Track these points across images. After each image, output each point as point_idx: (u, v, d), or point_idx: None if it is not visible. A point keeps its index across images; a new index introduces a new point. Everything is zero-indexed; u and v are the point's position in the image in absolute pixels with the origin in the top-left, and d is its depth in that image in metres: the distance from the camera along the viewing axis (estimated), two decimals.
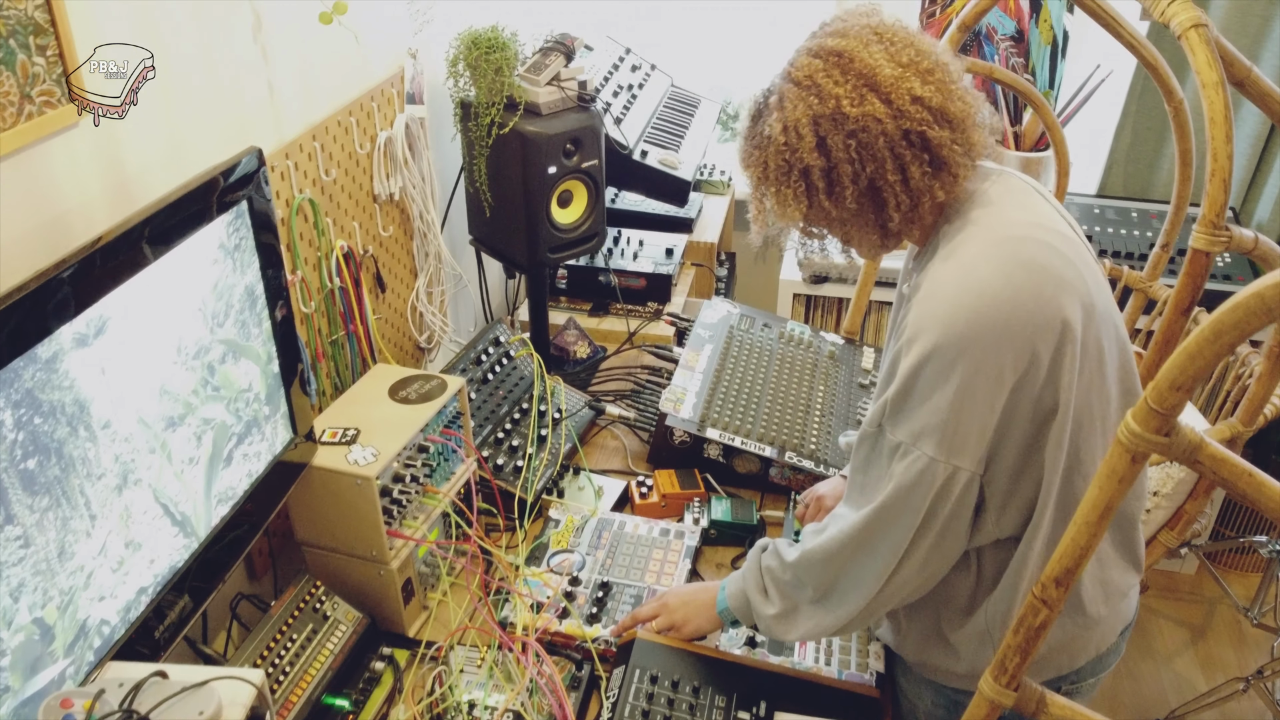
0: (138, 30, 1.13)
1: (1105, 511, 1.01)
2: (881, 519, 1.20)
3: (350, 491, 1.41)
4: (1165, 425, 0.93)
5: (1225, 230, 1.33)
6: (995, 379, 1.12)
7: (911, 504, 1.17)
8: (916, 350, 1.13)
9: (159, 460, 1.08)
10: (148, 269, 1.02)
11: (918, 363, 1.13)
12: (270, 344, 1.29)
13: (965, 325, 1.11)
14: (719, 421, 1.85)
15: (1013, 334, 1.11)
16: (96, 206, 1.11)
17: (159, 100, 1.19)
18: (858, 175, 1.14)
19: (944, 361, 1.11)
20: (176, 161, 1.24)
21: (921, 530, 1.18)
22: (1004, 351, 1.11)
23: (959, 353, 1.11)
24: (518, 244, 1.96)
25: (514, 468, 1.79)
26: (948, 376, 1.11)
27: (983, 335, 1.11)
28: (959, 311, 1.11)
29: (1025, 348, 1.11)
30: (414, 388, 1.57)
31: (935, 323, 1.12)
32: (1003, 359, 1.11)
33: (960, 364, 1.11)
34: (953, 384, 1.11)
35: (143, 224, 1.01)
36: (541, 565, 1.64)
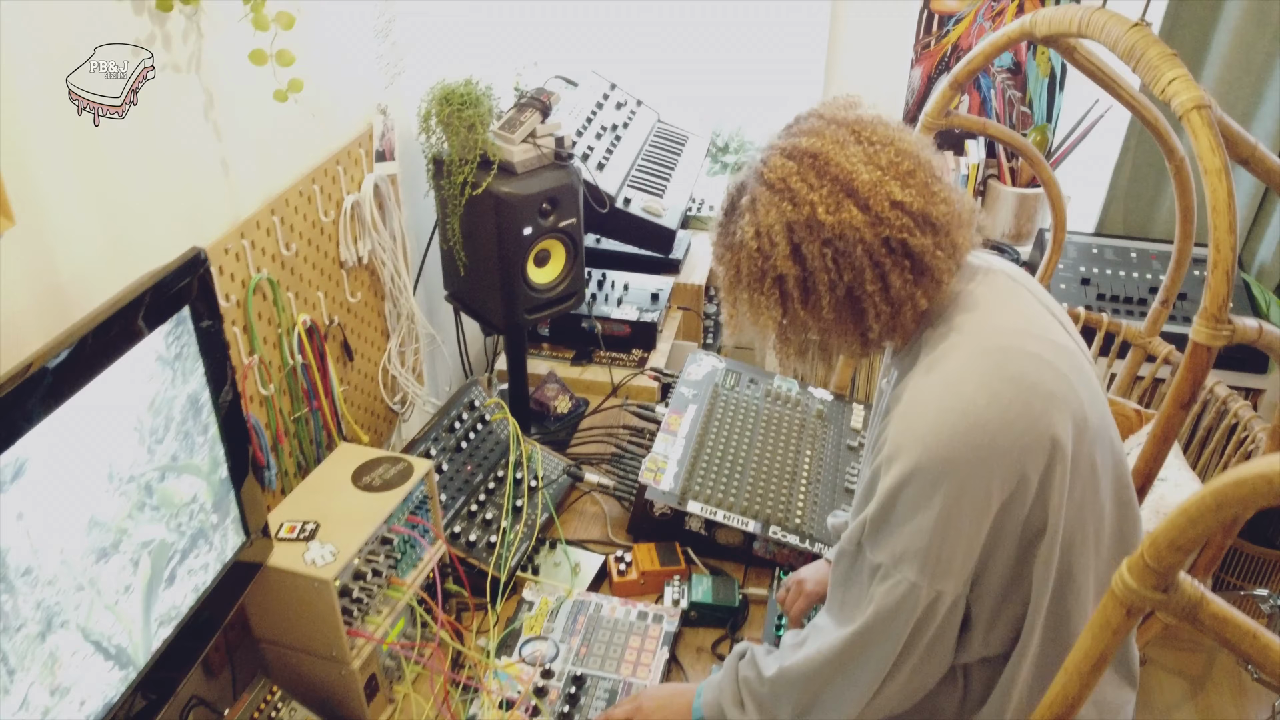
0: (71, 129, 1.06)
1: (1098, 662, 0.95)
2: (862, 643, 1.13)
3: (308, 593, 1.34)
4: (1163, 583, 0.87)
5: (1229, 324, 1.26)
6: (981, 502, 1.05)
7: (893, 629, 1.11)
8: (897, 470, 1.06)
9: (88, 597, 1.01)
10: (74, 398, 0.95)
11: (897, 483, 1.06)
12: (218, 448, 1.22)
13: (948, 446, 1.04)
14: (701, 494, 1.78)
15: (999, 455, 1.04)
16: (25, 322, 1.04)
17: (95, 196, 1.12)
18: (835, 284, 1.07)
19: (926, 483, 1.05)
20: (117, 259, 1.16)
21: (904, 653, 1.12)
22: (990, 474, 1.04)
23: (942, 475, 1.04)
24: (493, 304, 1.89)
25: (487, 543, 1.72)
26: (930, 499, 1.05)
27: (967, 457, 1.04)
28: (942, 431, 1.04)
29: (1013, 469, 1.04)
30: (378, 472, 1.50)
31: (916, 442, 1.05)
32: (989, 481, 1.05)
33: (943, 486, 1.04)
34: (935, 507, 1.04)
35: (66, 351, 0.94)
36: (513, 655, 1.57)
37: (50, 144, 1.04)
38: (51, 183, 1.05)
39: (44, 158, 1.03)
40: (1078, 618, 1.14)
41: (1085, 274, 2.60)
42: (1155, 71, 1.29)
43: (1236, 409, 1.97)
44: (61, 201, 1.06)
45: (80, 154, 1.08)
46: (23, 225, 1.01)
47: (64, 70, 1.03)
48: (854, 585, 1.15)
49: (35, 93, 1.01)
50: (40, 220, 1.04)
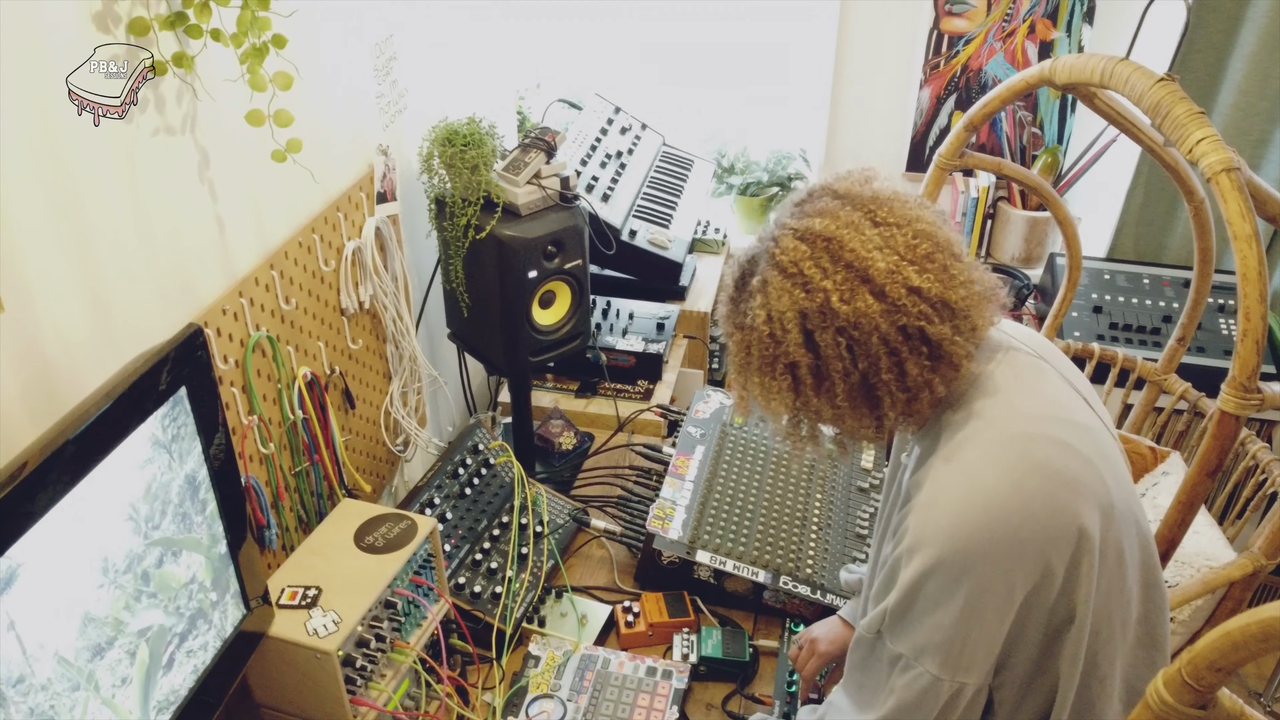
0: (58, 200, 1.02)
1: None
2: None
3: (310, 664, 1.30)
4: (1201, 700, 0.83)
5: (1257, 394, 1.22)
6: (1004, 595, 1.02)
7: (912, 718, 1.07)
8: (918, 563, 1.02)
9: (83, 695, 0.98)
10: (66, 497, 0.92)
11: (919, 577, 1.02)
12: (217, 524, 1.18)
13: (971, 539, 1.00)
14: (710, 543, 1.75)
15: (1024, 548, 1.00)
16: (14, 409, 1.00)
17: (83, 271, 1.08)
18: (849, 372, 1.03)
19: (949, 578, 1.01)
20: (109, 333, 1.12)
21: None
22: (1014, 567, 1.01)
23: (965, 569, 1.00)
24: (497, 346, 1.85)
25: (492, 594, 1.68)
26: (953, 593, 1.01)
27: (991, 551, 1.00)
28: (964, 524, 1.01)
29: (1038, 562, 1.01)
30: (381, 532, 1.47)
31: (938, 535, 1.02)
32: (1013, 575, 1.01)
33: (966, 581, 1.00)
34: (958, 601, 1.01)
35: (59, 450, 0.90)
36: (519, 715, 1.54)
37: (36, 219, 1.00)
38: (38, 262, 1.01)
39: (30, 235, 0.99)
40: (1103, 705, 1.11)
41: (1097, 302, 2.56)
42: (1182, 130, 1.25)
43: (1255, 450, 1.93)
44: (49, 281, 1.02)
45: (67, 227, 1.04)
46: (11, 309, 0.97)
47: (51, 145, 0.99)
48: (873, 671, 1.12)
49: (18, 168, 0.97)
50: (28, 302, 1.00)
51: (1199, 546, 1.78)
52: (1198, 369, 2.32)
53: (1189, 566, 1.77)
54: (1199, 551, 1.77)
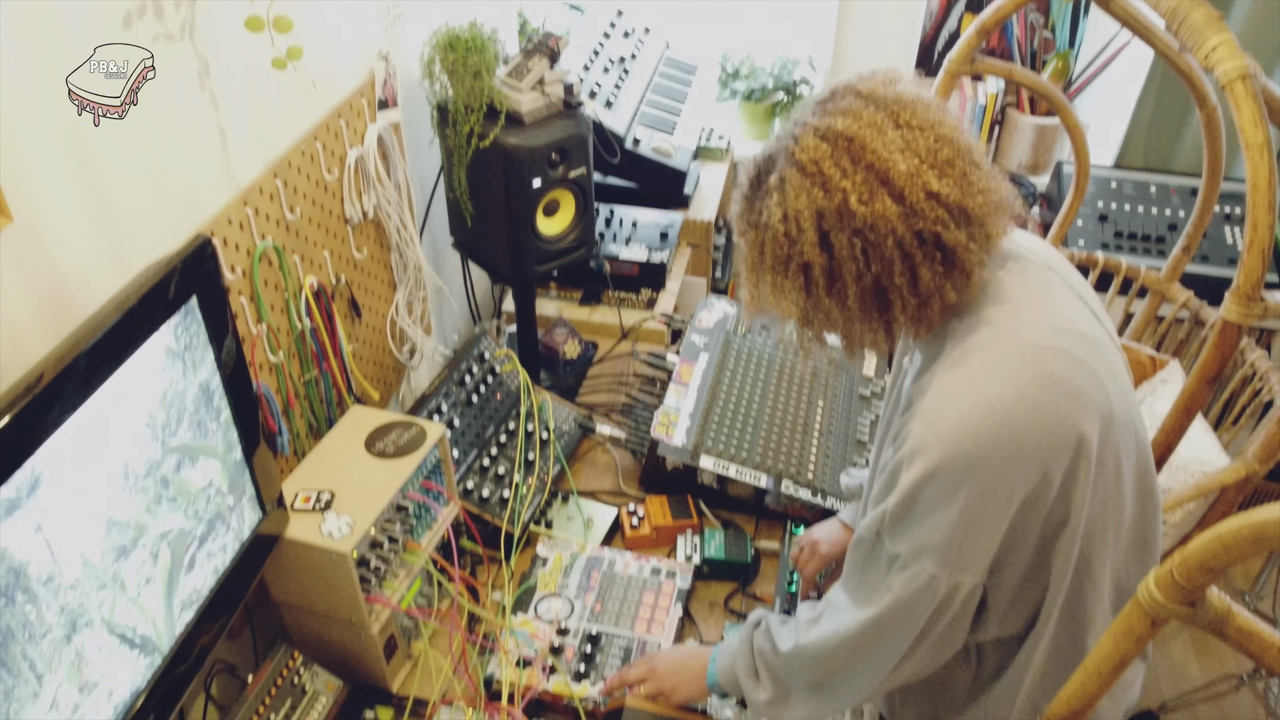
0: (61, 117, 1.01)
1: (1119, 665, 0.95)
2: (879, 629, 1.14)
3: (325, 565, 1.34)
4: (1190, 598, 0.86)
5: (1260, 302, 1.23)
6: (1003, 500, 1.04)
7: (911, 617, 1.11)
8: (919, 467, 1.05)
9: (111, 593, 1.02)
10: (84, 405, 0.93)
11: (920, 480, 1.05)
12: (231, 431, 1.21)
13: (973, 445, 1.02)
14: (713, 449, 1.78)
15: (1025, 456, 1.03)
16: (26, 321, 1.01)
17: (90, 184, 1.07)
18: (862, 275, 1.04)
19: (949, 482, 1.03)
20: (118, 246, 1.13)
21: (920, 637, 1.13)
22: (1014, 474, 1.03)
23: (966, 474, 1.03)
24: (501, 255, 1.85)
25: (500, 498, 1.72)
26: (952, 497, 1.04)
27: (992, 456, 1.02)
28: (967, 430, 1.03)
29: (1036, 469, 1.03)
30: (391, 438, 1.50)
31: (940, 439, 1.04)
32: (1013, 480, 1.04)
33: (966, 486, 1.03)
34: (957, 505, 1.04)
35: (75, 359, 0.91)
36: (529, 612, 1.59)
37: (41, 135, 0.99)
38: (45, 175, 1.01)
39: (36, 149, 0.99)
40: (1094, 605, 1.14)
41: (1103, 210, 2.54)
42: (1199, 36, 1.23)
43: (1254, 359, 1.95)
44: (56, 193, 1.02)
45: (72, 141, 1.04)
46: (20, 221, 0.97)
47: (52, 59, 0.98)
48: (871, 570, 1.15)
49: (24, 84, 0.96)
50: (37, 215, 1.00)
51: (1194, 452, 1.81)
52: (1201, 278, 2.32)
53: (1184, 472, 1.80)
54: (1194, 457, 1.80)
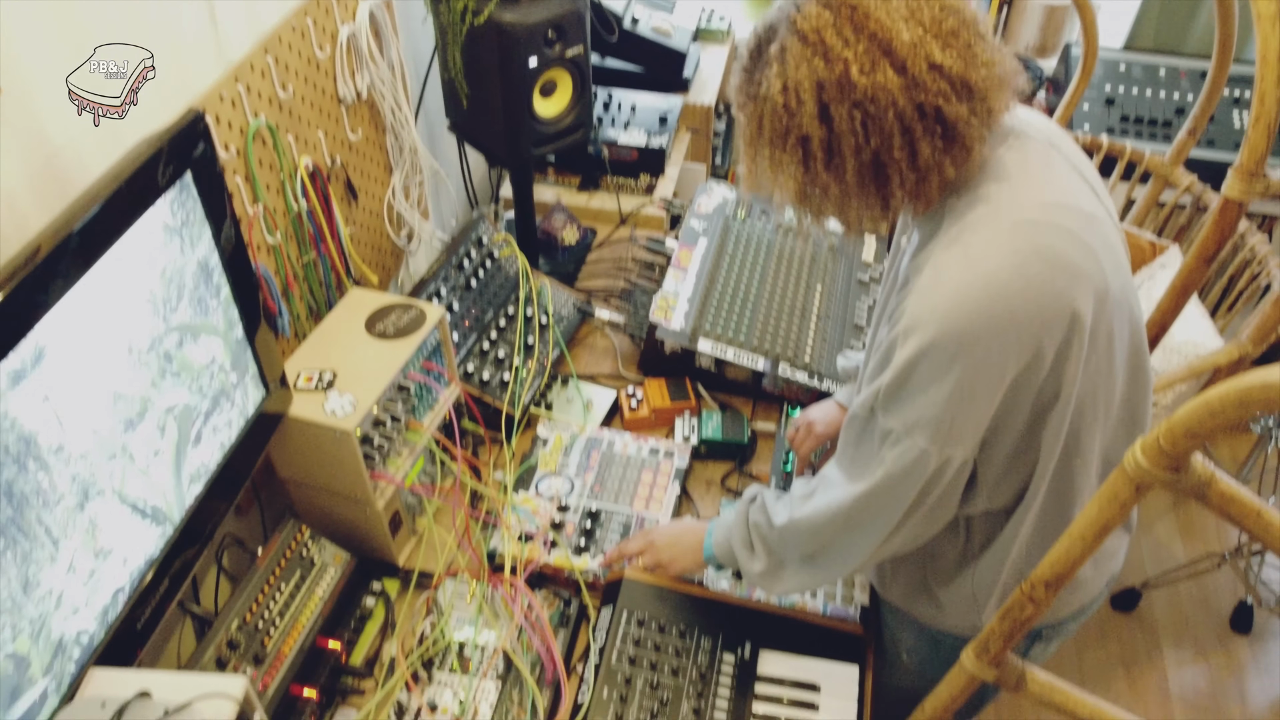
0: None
1: (1102, 531, 0.98)
2: (871, 503, 1.17)
3: (329, 442, 1.37)
4: (1175, 464, 0.89)
5: (1263, 178, 1.22)
6: (996, 375, 1.06)
7: (902, 490, 1.14)
8: (914, 343, 1.05)
9: (120, 464, 1.04)
10: (83, 279, 0.94)
11: (914, 357, 1.06)
12: (231, 309, 1.21)
13: (967, 321, 1.03)
14: (711, 332, 1.79)
15: (1019, 332, 1.03)
16: (21, 195, 1.00)
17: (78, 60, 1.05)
18: (860, 149, 1.03)
19: (943, 358, 1.04)
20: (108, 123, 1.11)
21: (911, 510, 1.16)
22: (1007, 349, 1.04)
23: (959, 350, 1.04)
24: (498, 137, 1.82)
25: (500, 381, 1.74)
26: (946, 373, 1.05)
27: (986, 332, 1.03)
28: (962, 306, 1.03)
29: (1030, 344, 1.04)
30: (391, 320, 1.50)
31: (935, 316, 1.04)
32: (1006, 357, 1.05)
33: (960, 362, 1.04)
34: (950, 380, 1.05)
35: (71, 232, 0.91)
36: (530, 490, 1.63)
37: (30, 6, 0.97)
38: (35, 47, 0.99)
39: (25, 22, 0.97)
40: (1081, 479, 1.17)
41: (1110, 94, 2.49)
42: None
43: (1254, 243, 1.94)
44: (46, 69, 1.00)
45: (62, 12, 1.02)
46: (10, 94, 0.96)
47: None
48: (865, 445, 1.18)
49: None
50: (27, 88, 0.98)
51: (1189, 335, 1.83)
52: (1205, 163, 2.29)
53: (1178, 354, 1.82)
54: (1189, 340, 1.81)
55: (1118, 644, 2.55)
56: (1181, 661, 2.52)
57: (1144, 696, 2.43)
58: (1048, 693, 1.17)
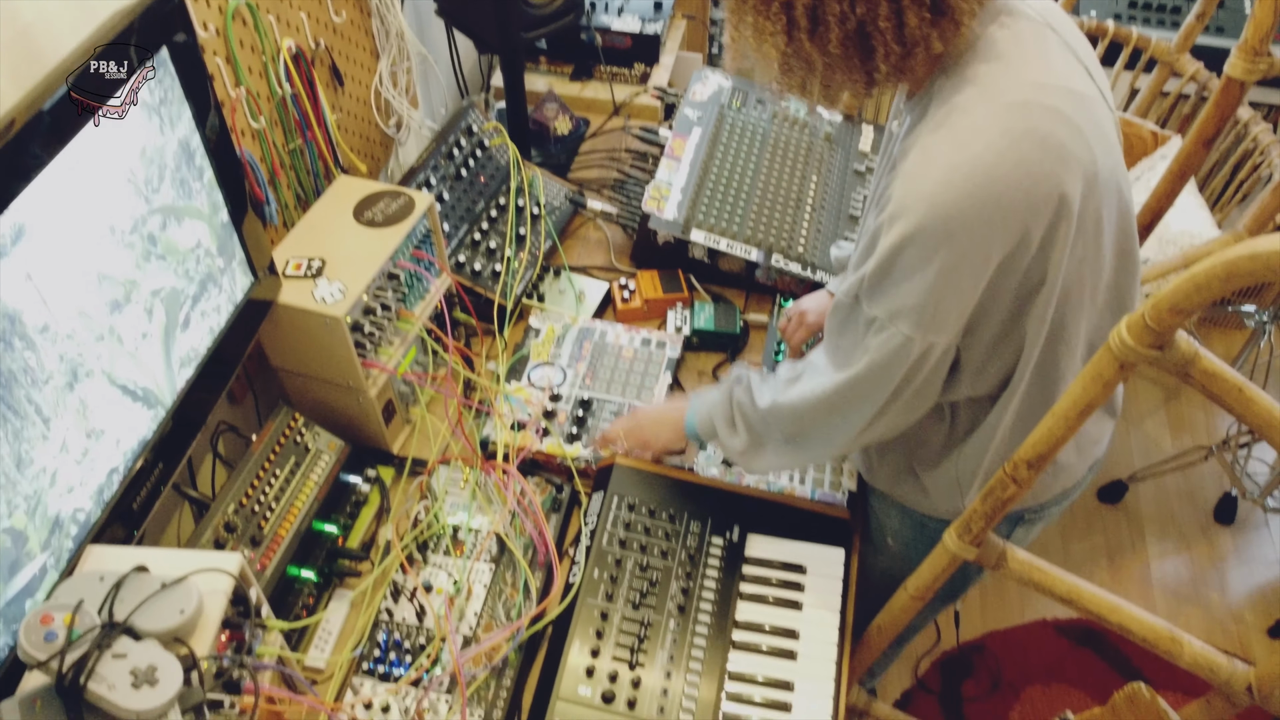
0: None
1: (1085, 410, 0.99)
2: (854, 389, 1.17)
3: (320, 330, 1.37)
4: (1160, 341, 0.89)
5: (1267, 56, 1.19)
6: (980, 261, 1.04)
7: (885, 378, 1.14)
8: (898, 229, 1.04)
9: (109, 346, 1.04)
10: (61, 155, 0.92)
11: (899, 243, 1.04)
12: (215, 192, 1.20)
13: (953, 206, 1.01)
14: (704, 223, 1.77)
15: (1005, 216, 1.02)
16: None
17: None
18: (845, 16, 0.99)
19: (927, 244, 1.03)
20: None
21: (894, 396, 1.16)
22: (993, 234, 1.03)
23: (945, 236, 1.02)
24: (487, 20, 1.77)
25: (492, 272, 1.74)
26: (930, 259, 1.04)
27: (971, 217, 1.01)
28: (948, 191, 1.01)
29: (1017, 228, 1.03)
30: (379, 207, 1.49)
31: (920, 202, 1.02)
32: (991, 242, 1.03)
33: (945, 248, 1.03)
34: (934, 267, 1.04)
35: (45, 106, 0.90)
36: (523, 380, 1.64)
37: None
38: None
39: None
40: (1066, 364, 1.17)
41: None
42: None
43: (1256, 133, 1.91)
44: None
45: None
46: None
47: None
48: (849, 333, 1.17)
49: None
50: None
51: (1186, 226, 1.81)
52: (1213, 50, 2.23)
53: (1173, 245, 1.81)
54: (1184, 230, 1.80)
55: (1102, 535, 2.60)
56: (1164, 552, 2.57)
57: (1125, 585, 2.49)
58: (1027, 571, 1.20)
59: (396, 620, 1.33)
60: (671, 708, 1.23)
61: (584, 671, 1.26)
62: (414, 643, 1.31)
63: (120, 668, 0.88)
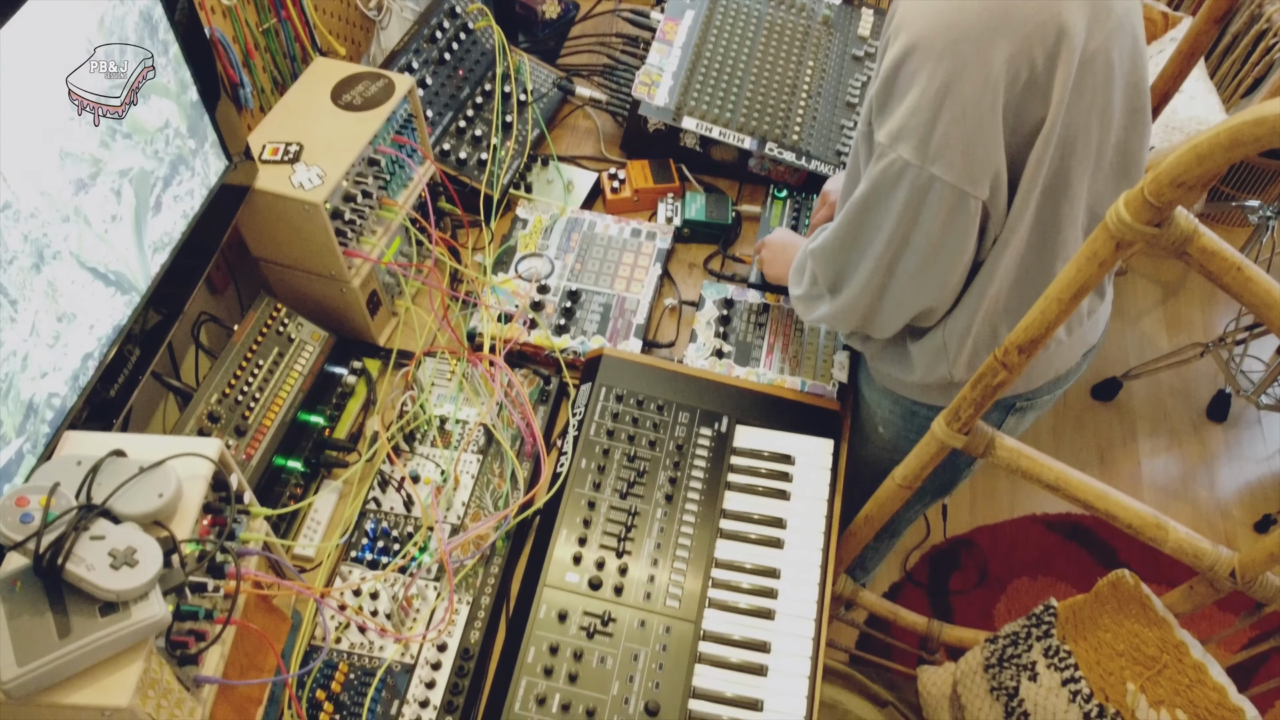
0: None
1: (1079, 292, 0.97)
2: (860, 218, 1.15)
3: (298, 216, 1.33)
4: (1158, 218, 0.86)
5: None
6: (981, 80, 1.00)
7: (886, 205, 1.10)
8: (900, 42, 1.02)
9: (76, 228, 1.01)
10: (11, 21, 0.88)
11: (901, 55, 1.02)
12: (183, 69, 1.15)
13: (955, 16, 0.99)
14: (696, 110, 1.72)
15: (1004, 32, 0.99)
16: None
17: None
18: None
19: (927, 55, 1.00)
20: None
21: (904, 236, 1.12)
22: (993, 50, 0.99)
23: (945, 48, 0.99)
24: None
25: (478, 161, 1.69)
26: (932, 72, 1.00)
27: (971, 29, 0.99)
28: (950, 3, 0.98)
29: (1019, 42, 0.99)
30: (358, 90, 1.44)
31: (923, 15, 1.00)
32: (991, 59, 0.99)
33: (944, 60, 0.99)
34: (935, 82, 1.00)
35: None
36: (510, 271, 1.61)
37: None
38: None
39: None
40: (1068, 228, 1.13)
41: None
42: None
43: (1271, 13, 1.83)
44: None
45: None
46: None
47: None
48: (862, 163, 1.15)
49: None
50: None
51: (1193, 112, 1.76)
52: None
53: (1179, 132, 1.76)
54: (1192, 116, 1.75)
55: (1094, 433, 2.60)
56: (1156, 449, 2.58)
57: (1115, 481, 2.49)
58: (1014, 459, 1.19)
59: (384, 509, 1.33)
60: (658, 594, 1.24)
61: (571, 559, 1.26)
62: (402, 531, 1.31)
63: (99, 549, 0.87)
